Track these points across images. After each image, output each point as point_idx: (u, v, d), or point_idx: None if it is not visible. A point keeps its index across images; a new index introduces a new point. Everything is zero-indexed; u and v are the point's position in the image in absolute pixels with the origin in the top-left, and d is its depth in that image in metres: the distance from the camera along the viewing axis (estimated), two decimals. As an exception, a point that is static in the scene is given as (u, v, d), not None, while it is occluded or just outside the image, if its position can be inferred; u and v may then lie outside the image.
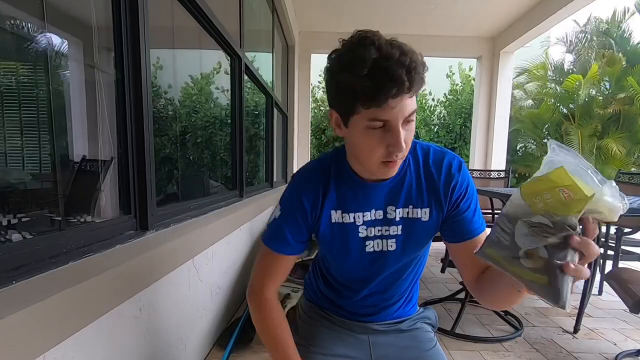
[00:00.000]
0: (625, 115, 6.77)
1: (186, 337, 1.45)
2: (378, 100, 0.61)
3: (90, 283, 0.83)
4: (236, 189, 2.42)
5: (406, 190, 0.81)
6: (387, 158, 0.68)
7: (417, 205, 0.81)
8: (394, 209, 0.81)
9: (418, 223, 0.82)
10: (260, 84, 3.06)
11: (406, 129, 0.67)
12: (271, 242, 0.85)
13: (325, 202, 0.82)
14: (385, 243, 0.84)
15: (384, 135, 0.66)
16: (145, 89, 1.19)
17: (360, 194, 0.81)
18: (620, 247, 2.02)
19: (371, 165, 0.71)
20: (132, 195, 1.21)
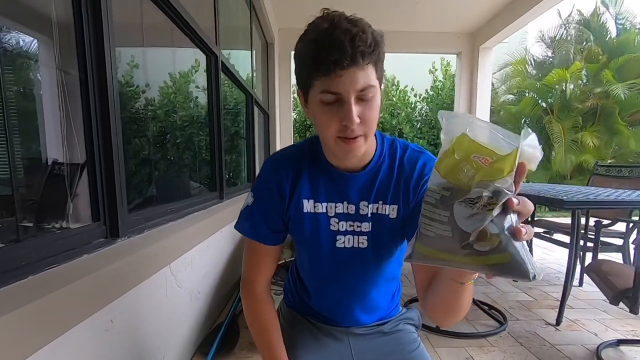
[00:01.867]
0: (602, 109, 6.95)
1: (164, 346, 1.40)
2: (324, 67, 0.62)
3: (51, 298, 0.77)
4: (216, 190, 2.36)
5: (378, 185, 0.79)
6: (342, 133, 0.67)
7: (385, 201, 0.79)
8: (366, 204, 0.79)
9: (386, 220, 0.80)
10: (239, 83, 3.00)
11: (363, 105, 0.66)
12: (245, 229, 0.83)
13: (297, 189, 0.80)
14: (357, 240, 0.82)
15: (338, 110, 0.65)
16: (111, 89, 1.13)
17: (333, 184, 0.80)
18: (599, 239, 2.05)
19: (329, 142, 0.70)
20: (100, 201, 1.15)
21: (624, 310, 2.21)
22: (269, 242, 0.83)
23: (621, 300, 1.48)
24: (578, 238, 2.02)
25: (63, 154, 1.26)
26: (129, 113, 3.51)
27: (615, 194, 2.08)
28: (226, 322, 1.88)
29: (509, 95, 8.06)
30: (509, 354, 1.74)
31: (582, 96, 7.15)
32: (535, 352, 1.75)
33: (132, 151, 3.23)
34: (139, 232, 1.31)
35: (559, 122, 6.90)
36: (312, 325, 0.97)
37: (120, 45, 1.19)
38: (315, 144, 0.81)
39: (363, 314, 0.93)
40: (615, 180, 2.83)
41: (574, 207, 1.91)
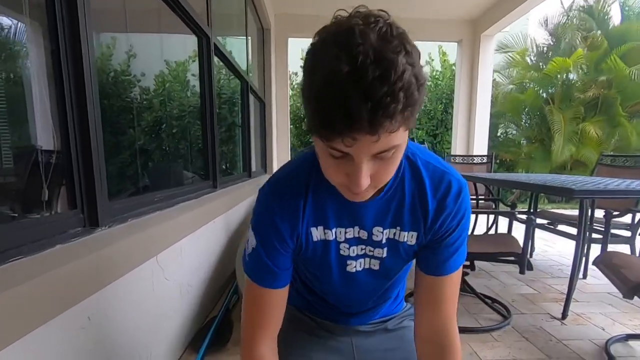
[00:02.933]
0: (604, 99, 6.85)
1: (151, 343, 1.31)
2: (327, 136, 0.46)
3: (11, 293, 0.68)
4: (209, 179, 2.25)
5: (395, 209, 0.67)
6: (345, 188, 0.55)
7: (404, 227, 0.68)
8: (380, 230, 0.68)
9: (403, 246, 0.70)
10: (233, 67, 2.88)
11: (379, 162, 0.51)
12: (255, 274, 0.69)
13: (305, 220, 0.67)
14: (369, 261, 0.72)
15: (342, 164, 0.51)
16: (87, 66, 1.02)
17: (343, 209, 0.67)
18: (609, 230, 1.97)
19: (335, 185, 0.57)
20: (77, 187, 1.05)
21: (631, 303, 2.15)
22: (277, 283, 0.69)
23: (636, 294, 1.40)
24: (586, 229, 1.94)
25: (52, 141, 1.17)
26: (121, 102, 3.42)
27: (624, 183, 2.00)
28: (219, 316, 1.79)
29: (510, 86, 7.93)
30: (515, 349, 1.66)
31: (583, 86, 7.03)
32: (542, 348, 1.67)
33: (126, 141, 3.15)
34: (122, 222, 1.22)
35: (560, 112, 6.79)
36: (312, 322, 0.90)
37: (103, 30, 1.07)
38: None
39: (368, 312, 0.87)
40: (621, 171, 2.75)
41: (584, 197, 1.83)
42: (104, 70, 3.19)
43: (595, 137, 6.60)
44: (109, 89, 3.29)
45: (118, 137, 3.07)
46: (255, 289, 0.70)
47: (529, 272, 2.43)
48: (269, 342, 0.72)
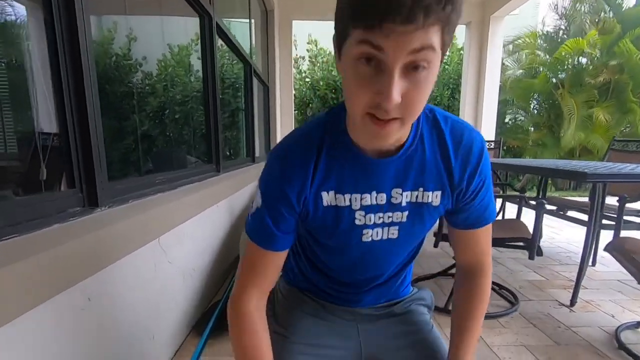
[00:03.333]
0: (615, 84, 6.69)
1: (154, 326, 1.30)
2: (366, 17, 0.44)
3: (5, 271, 0.65)
4: (212, 162, 2.22)
5: (416, 169, 0.64)
6: (373, 110, 0.49)
7: (428, 187, 0.65)
8: (400, 192, 0.64)
9: (427, 208, 0.66)
10: (236, 49, 2.81)
11: (411, 79, 0.47)
12: (255, 235, 0.67)
13: (315, 183, 0.63)
14: (387, 231, 0.68)
15: (374, 77, 0.47)
16: (83, 41, 0.98)
17: (360, 172, 0.63)
18: (622, 216, 1.92)
19: (356, 117, 0.52)
20: (75, 166, 1.02)
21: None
22: (276, 246, 0.67)
23: (650, 280, 1.35)
24: (598, 214, 1.89)
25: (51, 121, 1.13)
26: (124, 87, 3.38)
27: (639, 168, 1.94)
28: (223, 300, 1.78)
29: (519, 71, 7.76)
30: (522, 335, 1.64)
31: (594, 70, 6.86)
32: (550, 334, 1.65)
33: (130, 126, 3.12)
34: (123, 203, 1.19)
35: (570, 97, 6.64)
36: (315, 304, 0.86)
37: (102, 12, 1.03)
38: (339, 116, 0.63)
39: (374, 294, 0.82)
40: (633, 156, 2.68)
41: (598, 180, 1.77)
42: (106, 54, 3.15)
43: (605, 123, 6.46)
44: (111, 74, 3.25)
45: (122, 123, 3.04)
46: (254, 249, 0.67)
47: (537, 259, 2.39)
48: (257, 299, 0.69)
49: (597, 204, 1.86)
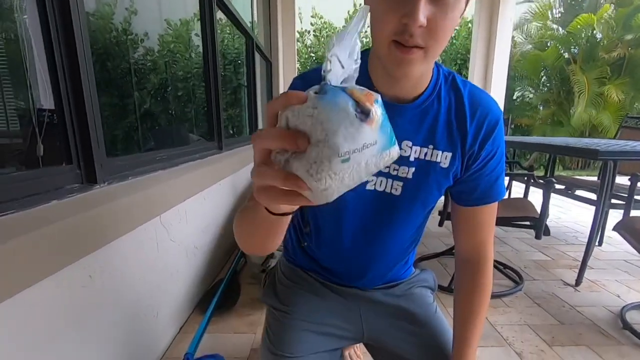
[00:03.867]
0: (630, 59, 6.47)
1: (157, 303, 1.30)
2: None
3: (2, 248, 0.64)
4: (214, 140, 2.18)
5: (429, 124, 0.62)
6: (398, 36, 0.49)
7: (439, 146, 0.63)
8: (410, 145, 0.63)
9: (435, 168, 0.64)
10: (237, 22, 2.72)
11: (438, 7, 0.48)
12: None
13: None
14: (390, 184, 0.66)
15: (401, 2, 0.48)
16: (75, 12, 0.94)
17: None
18: (633, 195, 1.88)
19: (382, 45, 0.52)
20: (72, 142, 0.99)
21: (648, 270, 2.10)
22: None
23: (660, 261, 1.33)
24: (607, 193, 1.85)
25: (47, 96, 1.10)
26: (124, 63, 3.31)
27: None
28: (226, 278, 1.78)
29: (528, 45, 7.52)
30: (526, 314, 1.63)
31: (609, 45, 6.63)
32: (554, 314, 1.64)
33: (130, 104, 3.07)
34: (122, 179, 1.17)
35: (583, 73, 6.44)
36: (316, 282, 0.85)
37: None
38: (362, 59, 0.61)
39: (377, 273, 0.80)
40: (647, 134, 2.61)
41: (610, 158, 1.72)
42: (105, 29, 3.07)
43: (617, 101, 6.29)
44: (112, 50, 3.18)
45: (123, 100, 2.99)
46: None
47: (542, 239, 2.37)
48: None
49: (607, 183, 1.82)
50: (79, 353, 0.88)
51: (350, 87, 0.32)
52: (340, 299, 0.83)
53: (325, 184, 0.31)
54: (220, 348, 1.34)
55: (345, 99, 0.31)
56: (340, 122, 0.30)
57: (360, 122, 0.31)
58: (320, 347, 0.79)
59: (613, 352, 1.37)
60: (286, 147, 0.31)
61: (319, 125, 0.30)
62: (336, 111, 0.30)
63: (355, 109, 0.31)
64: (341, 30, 0.33)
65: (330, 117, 0.30)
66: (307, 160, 0.31)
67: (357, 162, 0.31)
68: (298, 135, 0.31)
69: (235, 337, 1.43)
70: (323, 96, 0.31)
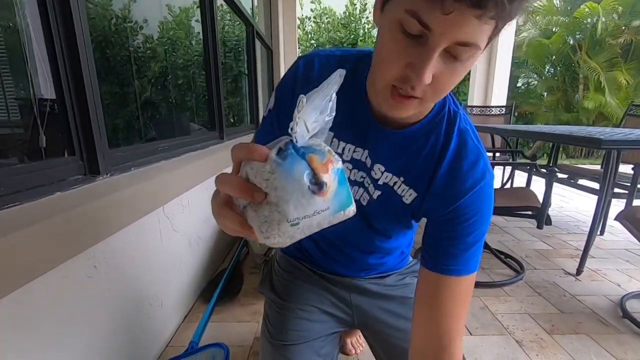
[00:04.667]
0: (637, 45, 6.37)
1: (161, 293, 1.31)
2: None
3: (10, 240, 0.64)
4: (215, 129, 2.18)
5: (409, 157, 0.59)
6: (399, 82, 0.45)
7: (408, 180, 0.60)
8: (382, 170, 0.61)
9: (396, 200, 0.61)
10: (237, 8, 2.68)
11: (448, 65, 0.43)
12: (258, 134, 0.69)
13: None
14: (361, 193, 0.65)
15: (411, 47, 0.42)
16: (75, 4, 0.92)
17: (361, 129, 0.60)
18: (636, 185, 1.87)
19: (378, 84, 0.48)
20: (74, 133, 0.99)
21: (650, 260, 2.11)
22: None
23: (662, 251, 1.33)
24: (610, 183, 1.84)
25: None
26: (124, 51, 3.28)
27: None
28: (229, 268, 1.80)
29: (532, 31, 7.40)
30: (527, 303, 1.64)
31: (616, 31, 6.52)
32: (555, 303, 1.65)
33: (131, 93, 3.06)
34: (125, 170, 1.17)
35: (589, 59, 6.35)
36: (310, 272, 0.87)
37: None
38: (365, 63, 0.58)
39: (368, 266, 0.82)
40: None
41: (613, 147, 1.71)
42: (105, 16, 3.03)
43: (624, 87, 6.21)
44: (111, 37, 3.15)
45: (123, 89, 2.98)
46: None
47: (544, 228, 2.38)
48: None
49: (610, 172, 1.81)
50: (86, 343, 0.89)
51: (312, 153, 0.33)
52: (331, 287, 0.85)
53: (274, 240, 0.33)
54: (223, 337, 1.36)
55: (302, 170, 0.32)
56: (293, 193, 0.31)
57: (312, 195, 0.32)
58: (317, 333, 0.81)
59: (612, 340, 1.38)
60: (244, 198, 0.33)
61: (273, 191, 0.32)
62: (290, 182, 0.31)
63: (310, 180, 0.32)
64: (313, 91, 0.33)
65: (284, 186, 0.32)
66: (259, 217, 0.33)
67: (307, 225, 0.33)
68: (256, 189, 0.32)
69: (239, 326, 1.45)
70: (281, 162, 0.32)
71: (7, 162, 1.06)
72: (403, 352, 0.76)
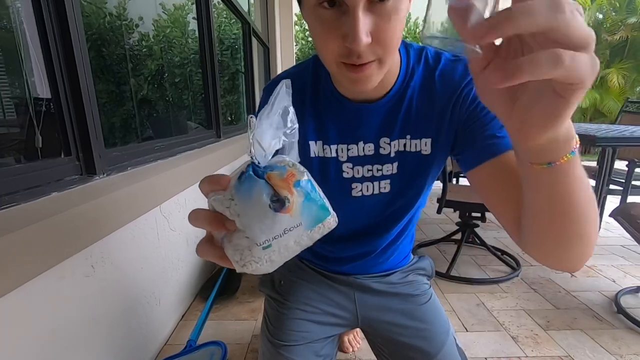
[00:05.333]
0: (632, 42, 6.40)
1: (159, 291, 1.31)
2: None
3: (8, 240, 0.65)
4: (212, 128, 2.17)
5: (403, 115, 0.59)
6: (346, 58, 0.45)
7: (415, 134, 0.60)
8: (388, 142, 0.61)
9: (418, 157, 0.62)
10: (234, 7, 2.67)
11: (378, 14, 0.43)
12: None
13: (303, 126, 0.60)
14: (377, 185, 0.65)
15: (338, 20, 0.43)
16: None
17: (345, 120, 0.60)
18: (630, 181, 1.88)
19: (330, 67, 0.49)
20: (70, 133, 0.99)
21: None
22: None
23: (655, 247, 1.34)
24: (605, 179, 1.85)
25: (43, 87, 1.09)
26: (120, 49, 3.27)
27: (652, 132, 1.88)
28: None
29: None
30: (523, 300, 1.66)
31: (612, 27, 6.53)
32: (550, 299, 1.67)
33: (127, 91, 3.04)
34: (121, 170, 1.17)
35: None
36: (312, 271, 0.87)
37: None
38: (321, 65, 0.59)
39: (372, 262, 0.82)
40: (646, 119, 2.60)
41: (607, 144, 1.72)
42: (98, 14, 3.01)
43: (618, 85, 6.24)
44: (107, 36, 3.13)
45: (120, 87, 2.97)
46: None
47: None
48: None
49: (605, 169, 1.83)
50: (84, 342, 0.90)
51: (271, 170, 0.32)
52: (334, 286, 0.84)
53: (253, 267, 0.33)
54: (222, 335, 1.37)
55: (260, 190, 0.31)
56: (255, 215, 0.31)
57: (274, 213, 0.31)
58: (317, 334, 0.81)
59: (607, 335, 1.40)
60: (215, 229, 0.33)
61: (237, 218, 0.32)
62: (250, 205, 0.31)
63: (270, 199, 0.31)
64: (263, 109, 0.32)
65: (245, 210, 0.31)
66: (233, 247, 0.32)
67: (282, 245, 0.33)
68: (226, 219, 0.32)
69: (237, 324, 1.46)
70: (239, 187, 0.32)
71: (3, 162, 1.06)
72: (407, 348, 0.77)
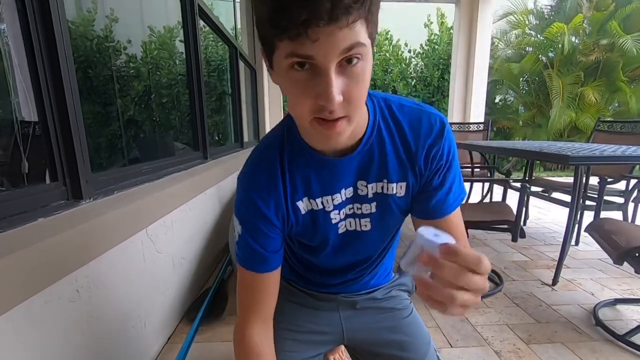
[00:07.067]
0: (605, 62, 6.70)
1: (145, 314, 1.31)
2: (288, 30, 0.43)
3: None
4: (199, 150, 2.20)
5: (379, 160, 0.64)
6: (318, 114, 0.49)
7: (392, 179, 0.65)
8: (365, 184, 0.66)
9: (393, 199, 0.67)
10: (220, 32, 2.75)
11: (348, 74, 0.47)
12: (246, 261, 0.67)
13: (289, 196, 0.64)
14: (358, 222, 0.70)
15: (311, 81, 0.46)
16: (57, 19, 0.95)
17: (326, 174, 0.64)
18: (602, 197, 1.97)
19: (303, 123, 0.52)
20: (57, 159, 1.01)
21: (621, 269, 2.19)
22: (267, 267, 0.67)
23: (625, 260, 1.40)
24: (580, 196, 1.93)
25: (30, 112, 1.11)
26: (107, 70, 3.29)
27: (620, 149, 1.98)
28: (214, 287, 1.80)
29: (508, 51, 7.72)
30: (505, 314, 1.69)
31: (586, 49, 6.85)
32: (532, 313, 1.71)
33: (114, 112, 3.05)
34: (108, 194, 1.18)
35: (559, 77, 6.66)
36: (299, 292, 0.89)
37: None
38: (292, 127, 0.64)
39: (356, 282, 0.85)
40: (617, 137, 2.72)
41: (580, 163, 1.80)
42: (87, 37, 3.05)
43: (594, 103, 6.51)
44: (93, 57, 3.16)
45: (107, 108, 2.98)
46: (246, 274, 0.67)
47: (522, 240, 2.45)
48: (261, 326, 0.69)
49: (578, 186, 1.90)
50: (67, 367, 0.89)
51: None
52: (320, 304, 0.87)
53: None
54: (208, 357, 1.36)
55: None
56: None
57: None
58: (304, 354, 0.83)
59: (585, 348, 1.44)
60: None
61: None
62: None
63: None
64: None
65: None
66: None
67: None
68: None
69: (224, 346, 1.45)
70: None
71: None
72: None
